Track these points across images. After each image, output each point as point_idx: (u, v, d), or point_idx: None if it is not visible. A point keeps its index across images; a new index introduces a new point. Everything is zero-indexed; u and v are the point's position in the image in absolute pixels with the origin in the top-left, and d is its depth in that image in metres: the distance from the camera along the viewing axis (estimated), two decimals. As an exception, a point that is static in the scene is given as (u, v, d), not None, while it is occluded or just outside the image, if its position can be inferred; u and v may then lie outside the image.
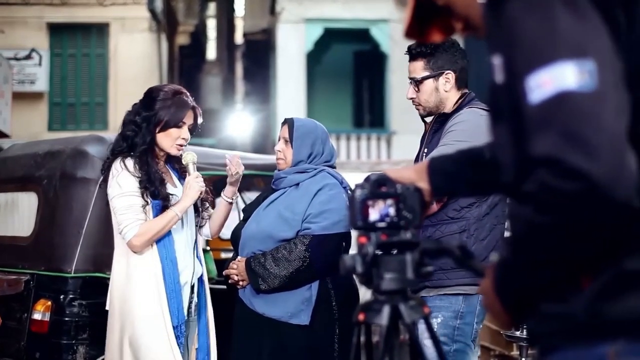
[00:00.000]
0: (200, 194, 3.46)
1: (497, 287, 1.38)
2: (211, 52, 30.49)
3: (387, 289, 1.67)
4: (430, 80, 3.30)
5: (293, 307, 3.44)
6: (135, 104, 3.54)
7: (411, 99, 3.36)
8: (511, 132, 1.32)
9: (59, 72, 16.03)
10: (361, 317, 1.69)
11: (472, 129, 3.08)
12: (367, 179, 1.73)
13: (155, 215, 3.39)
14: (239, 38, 28.45)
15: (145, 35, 15.98)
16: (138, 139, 3.42)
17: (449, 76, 3.30)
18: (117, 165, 3.38)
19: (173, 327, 3.34)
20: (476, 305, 3.14)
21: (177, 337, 3.35)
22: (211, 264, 5.08)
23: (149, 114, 3.44)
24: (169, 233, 3.42)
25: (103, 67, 16.05)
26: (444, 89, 3.30)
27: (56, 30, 15.92)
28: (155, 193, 3.39)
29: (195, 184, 3.44)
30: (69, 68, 16.15)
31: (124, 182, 3.35)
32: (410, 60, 3.36)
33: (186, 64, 22.05)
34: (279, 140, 3.74)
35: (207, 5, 28.38)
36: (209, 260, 5.22)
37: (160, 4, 16.36)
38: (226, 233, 6.38)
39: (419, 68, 3.32)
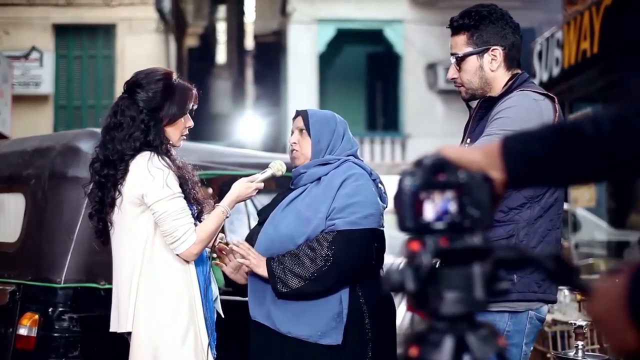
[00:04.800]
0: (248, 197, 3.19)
1: (634, 307, 0.95)
2: (221, 56, 30.16)
3: (450, 313, 1.22)
4: (474, 57, 2.83)
5: (323, 325, 2.94)
6: (123, 96, 3.10)
7: (452, 79, 2.90)
8: None
9: (64, 74, 15.69)
10: (414, 352, 1.23)
11: (523, 115, 2.61)
12: (418, 163, 1.27)
13: None
14: (249, 42, 28.12)
15: (153, 36, 15.63)
16: (152, 137, 3.01)
17: (496, 53, 2.82)
18: (156, 162, 2.95)
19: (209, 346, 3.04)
20: (525, 324, 2.68)
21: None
22: (218, 273, 4.70)
23: (154, 107, 3.04)
24: None
25: (110, 69, 15.68)
26: (490, 68, 2.83)
27: (62, 31, 15.59)
28: (194, 196, 3.05)
29: (250, 184, 3.14)
30: (75, 70, 15.82)
31: (172, 182, 2.96)
32: (452, 35, 2.89)
33: (195, 67, 21.71)
34: (292, 133, 3.28)
35: (216, 8, 28.06)
36: (215, 269, 4.86)
37: (169, 4, 16.02)
38: (235, 239, 6.02)
39: (461, 43, 2.86)
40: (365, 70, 18.27)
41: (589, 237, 10.54)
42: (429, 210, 1.25)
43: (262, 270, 3.02)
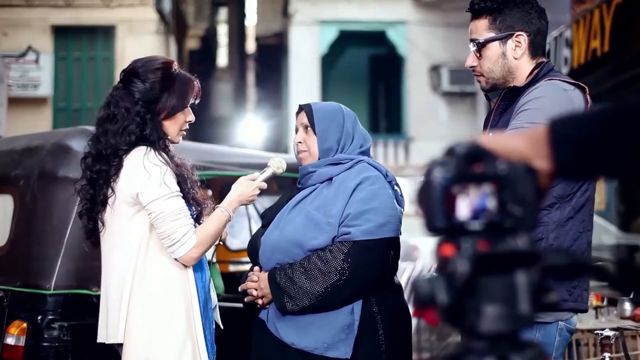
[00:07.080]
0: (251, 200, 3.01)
1: None
2: (222, 59, 30.00)
3: (490, 330, 1.01)
4: (496, 44, 2.62)
5: (331, 336, 2.74)
6: (118, 86, 2.89)
7: (471, 67, 2.69)
8: None
9: (63, 76, 15.45)
10: (447, 377, 1.03)
11: (552, 106, 2.39)
12: (450, 151, 1.07)
13: None
14: (250, 44, 27.96)
15: (153, 38, 15.43)
16: (148, 130, 2.79)
17: (520, 39, 2.61)
18: (152, 158, 2.74)
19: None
20: (555, 336, 2.46)
21: None
22: (218, 279, 4.51)
23: (150, 98, 2.82)
24: None
25: (110, 70, 15.45)
26: (513, 56, 2.62)
27: (61, 32, 15.38)
28: (194, 196, 2.85)
29: (251, 182, 2.95)
30: (74, 72, 15.59)
31: (170, 180, 2.75)
32: (472, 18, 2.69)
33: (196, 69, 21.48)
34: (296, 131, 3.07)
35: (217, 10, 27.90)
36: (215, 274, 4.66)
37: (169, 5, 15.83)
38: (235, 242, 5.82)
39: (482, 28, 2.64)
40: (368, 72, 18.06)
41: (597, 240, 10.31)
42: (463, 207, 1.04)
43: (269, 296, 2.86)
